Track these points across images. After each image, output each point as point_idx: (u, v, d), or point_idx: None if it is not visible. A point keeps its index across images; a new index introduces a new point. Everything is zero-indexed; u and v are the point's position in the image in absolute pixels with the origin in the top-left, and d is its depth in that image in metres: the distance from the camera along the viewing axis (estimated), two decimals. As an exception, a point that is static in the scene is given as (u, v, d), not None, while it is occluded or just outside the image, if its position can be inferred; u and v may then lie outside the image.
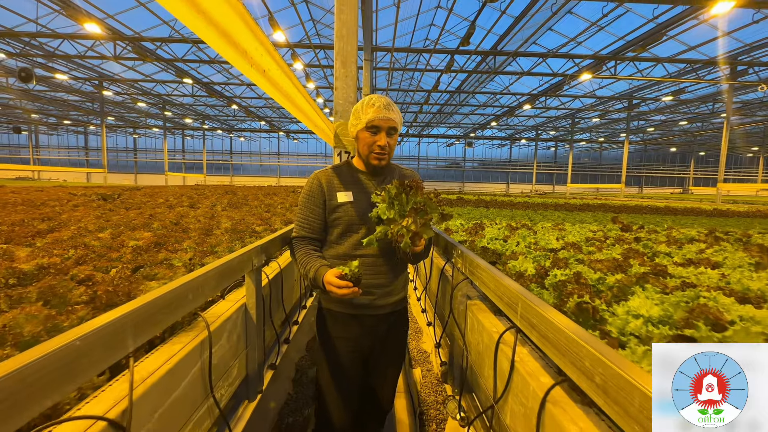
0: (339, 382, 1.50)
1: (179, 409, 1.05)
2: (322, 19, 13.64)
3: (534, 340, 0.90)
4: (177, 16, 0.81)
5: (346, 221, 1.44)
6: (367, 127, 1.40)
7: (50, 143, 36.36)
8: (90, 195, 6.42)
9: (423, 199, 1.18)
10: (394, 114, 1.43)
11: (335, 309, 1.49)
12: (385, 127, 1.41)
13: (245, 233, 2.85)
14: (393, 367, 1.62)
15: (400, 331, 1.63)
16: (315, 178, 1.50)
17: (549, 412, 0.87)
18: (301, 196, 1.51)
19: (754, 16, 10.25)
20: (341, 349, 1.49)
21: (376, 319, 1.50)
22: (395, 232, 1.19)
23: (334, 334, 1.49)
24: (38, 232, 2.45)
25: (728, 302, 1.33)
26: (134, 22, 12.91)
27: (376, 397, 1.61)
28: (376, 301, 1.47)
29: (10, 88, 20.00)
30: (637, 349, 0.99)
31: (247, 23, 1.02)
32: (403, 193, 1.18)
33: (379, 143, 1.41)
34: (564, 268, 1.81)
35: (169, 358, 1.05)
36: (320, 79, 19.89)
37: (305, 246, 1.47)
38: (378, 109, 1.39)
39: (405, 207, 1.19)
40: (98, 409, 0.80)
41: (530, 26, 12.27)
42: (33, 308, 1.00)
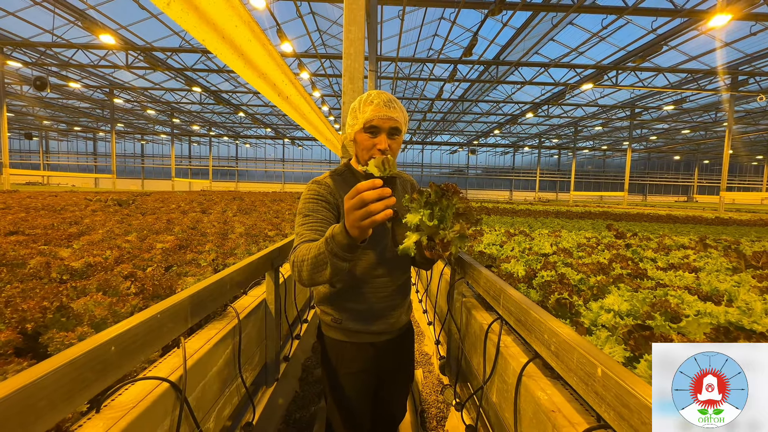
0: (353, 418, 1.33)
1: (216, 383, 1.25)
2: (328, 29, 14.04)
3: (512, 324, 1.10)
4: (227, 63, 1.03)
5: None
6: (365, 128, 1.19)
7: (60, 149, 37.19)
8: (105, 200, 6.69)
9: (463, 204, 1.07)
10: (397, 112, 1.20)
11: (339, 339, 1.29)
12: (386, 128, 1.18)
13: (259, 237, 3.07)
14: (405, 381, 1.50)
15: (411, 344, 1.50)
16: (321, 182, 1.25)
17: (524, 385, 1.06)
18: (302, 203, 1.22)
19: (751, 29, 10.44)
20: (352, 384, 1.30)
21: (389, 343, 1.35)
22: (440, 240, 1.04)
23: (343, 370, 1.30)
24: (71, 235, 2.67)
25: (691, 299, 1.51)
26: (146, 33, 13.38)
27: (389, 410, 1.48)
28: (394, 325, 1.33)
29: (24, 95, 20.59)
30: (600, 335, 1.18)
31: (278, 63, 1.23)
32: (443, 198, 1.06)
33: (379, 146, 1.18)
34: (551, 270, 2.00)
35: (207, 340, 1.25)
36: (325, 87, 20.31)
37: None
38: (377, 107, 1.18)
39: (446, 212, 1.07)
40: (159, 375, 1.00)
41: (532, 37, 12.55)
42: (97, 296, 1.21)
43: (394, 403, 1.47)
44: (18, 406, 0.51)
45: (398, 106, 1.22)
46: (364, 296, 1.27)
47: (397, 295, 1.32)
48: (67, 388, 0.59)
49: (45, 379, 0.55)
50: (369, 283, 1.27)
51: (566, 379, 0.76)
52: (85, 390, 0.63)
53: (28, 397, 0.52)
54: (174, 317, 0.91)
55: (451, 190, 1.08)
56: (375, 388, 1.39)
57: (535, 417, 0.98)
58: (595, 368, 0.67)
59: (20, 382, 0.52)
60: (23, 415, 0.51)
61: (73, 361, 0.61)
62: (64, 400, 0.59)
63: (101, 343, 0.68)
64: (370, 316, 1.28)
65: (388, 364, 1.36)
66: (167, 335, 0.89)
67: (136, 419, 0.84)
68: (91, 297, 1.19)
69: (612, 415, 0.62)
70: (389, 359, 1.36)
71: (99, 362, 0.66)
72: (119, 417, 0.82)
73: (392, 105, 1.20)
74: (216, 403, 1.26)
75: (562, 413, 0.91)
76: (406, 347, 1.45)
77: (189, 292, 1.00)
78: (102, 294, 1.26)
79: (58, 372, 0.58)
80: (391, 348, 1.36)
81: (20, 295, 1.22)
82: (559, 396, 0.98)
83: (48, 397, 0.55)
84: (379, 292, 1.27)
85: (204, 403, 1.18)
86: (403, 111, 1.24)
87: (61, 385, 0.58)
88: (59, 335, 0.99)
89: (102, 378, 0.67)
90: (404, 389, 1.50)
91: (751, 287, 1.83)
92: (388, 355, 1.35)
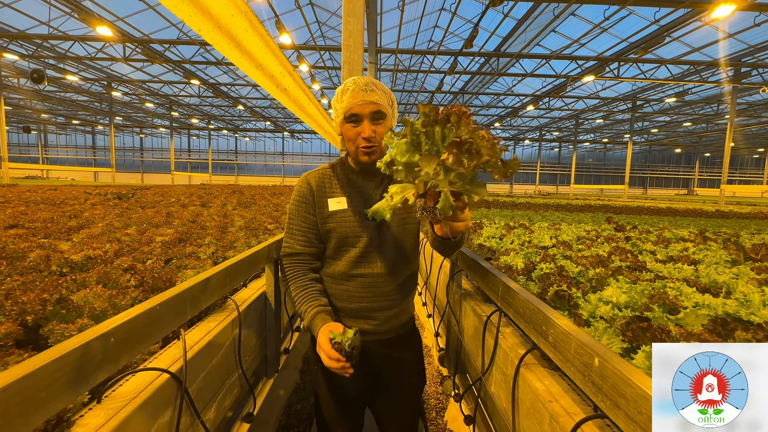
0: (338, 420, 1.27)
1: (216, 374, 1.26)
2: (327, 21, 13.89)
3: (511, 316, 1.10)
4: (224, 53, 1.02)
5: (340, 234, 1.18)
6: (346, 118, 1.13)
7: (59, 143, 37.04)
8: (105, 194, 6.68)
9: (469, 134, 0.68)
10: (377, 94, 1.11)
11: None
12: (367, 113, 1.10)
13: (258, 230, 3.07)
14: (410, 390, 1.33)
15: (412, 353, 1.34)
16: (304, 180, 1.24)
17: (522, 375, 1.07)
18: (290, 203, 1.23)
19: (755, 19, 10.33)
20: (339, 382, 1.21)
21: (380, 345, 1.24)
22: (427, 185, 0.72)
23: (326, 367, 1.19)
24: (71, 229, 2.67)
25: (689, 291, 1.52)
26: (143, 25, 13.23)
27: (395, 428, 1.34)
28: (380, 327, 1.22)
29: (21, 88, 20.45)
30: (598, 326, 1.18)
31: (276, 54, 1.22)
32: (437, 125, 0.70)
33: (363, 134, 1.11)
34: (550, 263, 2.00)
35: (207, 332, 1.26)
36: (325, 80, 20.15)
37: (301, 274, 1.19)
38: (353, 93, 1.10)
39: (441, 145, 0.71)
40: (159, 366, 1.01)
41: (533, 28, 12.41)
42: (97, 289, 1.21)
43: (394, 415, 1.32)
44: (18, 396, 0.51)
45: (378, 87, 1.13)
46: (350, 294, 1.20)
47: (392, 295, 1.21)
48: (67, 379, 0.60)
49: (44, 370, 0.55)
50: (354, 281, 1.19)
51: (564, 370, 0.77)
52: (84, 381, 0.64)
53: (27, 388, 0.53)
54: (174, 309, 0.91)
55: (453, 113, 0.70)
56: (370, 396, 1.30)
57: (532, 407, 0.99)
58: (592, 359, 0.67)
59: (20, 372, 0.52)
60: (23, 405, 0.52)
61: (72, 352, 0.61)
62: (64, 391, 0.59)
63: (100, 335, 0.68)
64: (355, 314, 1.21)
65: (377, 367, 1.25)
66: (167, 327, 0.89)
67: (136, 409, 0.84)
68: (90, 289, 1.19)
69: (608, 405, 0.62)
70: (377, 362, 1.24)
71: (98, 353, 0.67)
72: (120, 407, 0.83)
73: (369, 87, 1.11)
74: (216, 393, 1.28)
75: (559, 403, 0.91)
76: (402, 355, 1.29)
77: (189, 284, 1.00)
78: (102, 286, 1.26)
79: (57, 363, 0.58)
80: (381, 351, 1.23)
81: (20, 287, 1.22)
82: (556, 386, 0.98)
83: (48, 388, 0.56)
84: (370, 290, 1.19)
85: (205, 394, 1.20)
86: (385, 92, 1.15)
87: (61, 375, 0.58)
88: (59, 327, 0.99)
89: (101, 369, 0.68)
90: (402, 409, 1.32)
91: (749, 279, 1.84)
92: (373, 357, 1.22)
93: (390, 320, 1.23)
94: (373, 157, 1.16)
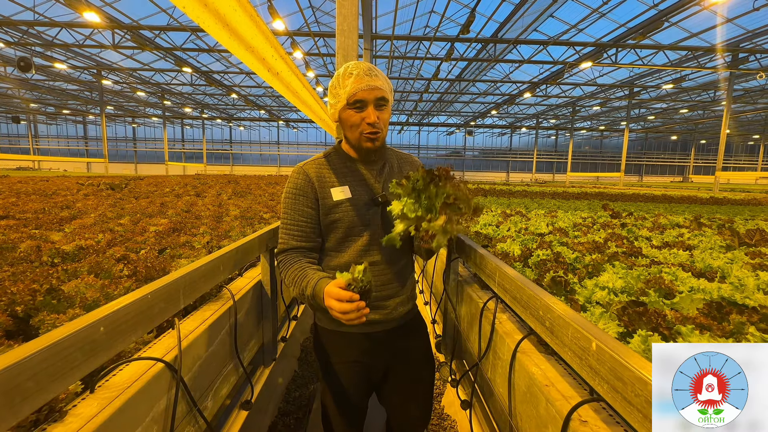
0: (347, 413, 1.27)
1: (213, 363, 1.26)
2: (321, 6, 13.57)
3: (507, 302, 1.10)
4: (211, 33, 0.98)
5: (346, 223, 1.16)
6: (349, 103, 1.10)
7: (49, 133, 36.33)
8: (98, 185, 6.59)
9: (454, 192, 0.96)
10: (380, 80, 1.12)
11: (331, 328, 1.23)
12: (372, 99, 1.10)
13: (254, 220, 3.04)
14: (422, 381, 1.34)
15: (419, 341, 1.36)
16: (300, 171, 1.20)
17: (518, 360, 1.07)
18: (284, 195, 1.19)
19: (754, 4, 10.22)
20: (346, 374, 1.23)
21: (386, 334, 1.25)
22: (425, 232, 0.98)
23: (336, 358, 1.23)
24: (62, 219, 2.63)
25: (685, 276, 1.53)
26: (132, 10, 12.87)
27: (407, 420, 1.35)
28: (389, 315, 1.23)
29: (8, 77, 19.96)
30: (595, 311, 1.19)
31: (266, 36, 1.18)
32: (431, 185, 0.96)
33: (368, 120, 1.10)
34: (547, 250, 2.00)
35: (202, 321, 1.25)
36: (320, 67, 19.81)
37: (296, 260, 1.15)
38: (358, 78, 1.09)
39: (434, 201, 0.97)
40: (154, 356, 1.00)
41: (531, 13, 12.21)
42: (89, 279, 1.19)
43: (407, 408, 1.32)
44: (2, 386, 0.49)
45: (380, 74, 1.14)
46: None
47: (394, 282, 1.23)
48: (55, 369, 0.58)
49: (30, 360, 0.54)
50: None
51: (560, 354, 0.76)
52: (74, 370, 0.62)
53: (13, 378, 0.51)
54: (166, 298, 0.90)
55: (442, 175, 0.98)
56: (378, 385, 1.31)
57: (528, 391, 1.00)
58: (589, 342, 0.67)
59: (4, 362, 0.51)
60: (9, 395, 0.50)
61: (60, 341, 0.60)
62: (52, 381, 0.58)
63: (89, 324, 0.66)
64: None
65: (385, 359, 1.26)
66: (159, 316, 0.87)
67: (131, 399, 0.84)
68: (82, 279, 1.17)
69: (606, 388, 0.62)
70: (385, 353, 1.25)
71: (87, 342, 0.65)
72: (114, 397, 0.82)
73: (373, 73, 1.11)
74: (213, 382, 1.27)
75: (555, 387, 0.92)
76: (410, 343, 1.31)
77: (181, 272, 0.98)
78: (94, 276, 1.24)
79: (44, 352, 0.57)
80: (389, 341, 1.24)
81: (10, 278, 1.20)
82: (552, 371, 0.99)
83: (34, 378, 0.54)
84: (377, 279, 1.17)
85: (201, 383, 1.19)
86: (386, 79, 1.15)
87: (48, 365, 0.57)
88: (50, 317, 0.98)
89: (91, 359, 0.66)
90: (416, 393, 1.33)
91: (743, 264, 1.85)
92: (382, 348, 1.24)
93: (398, 307, 1.25)
94: (376, 144, 1.15)
